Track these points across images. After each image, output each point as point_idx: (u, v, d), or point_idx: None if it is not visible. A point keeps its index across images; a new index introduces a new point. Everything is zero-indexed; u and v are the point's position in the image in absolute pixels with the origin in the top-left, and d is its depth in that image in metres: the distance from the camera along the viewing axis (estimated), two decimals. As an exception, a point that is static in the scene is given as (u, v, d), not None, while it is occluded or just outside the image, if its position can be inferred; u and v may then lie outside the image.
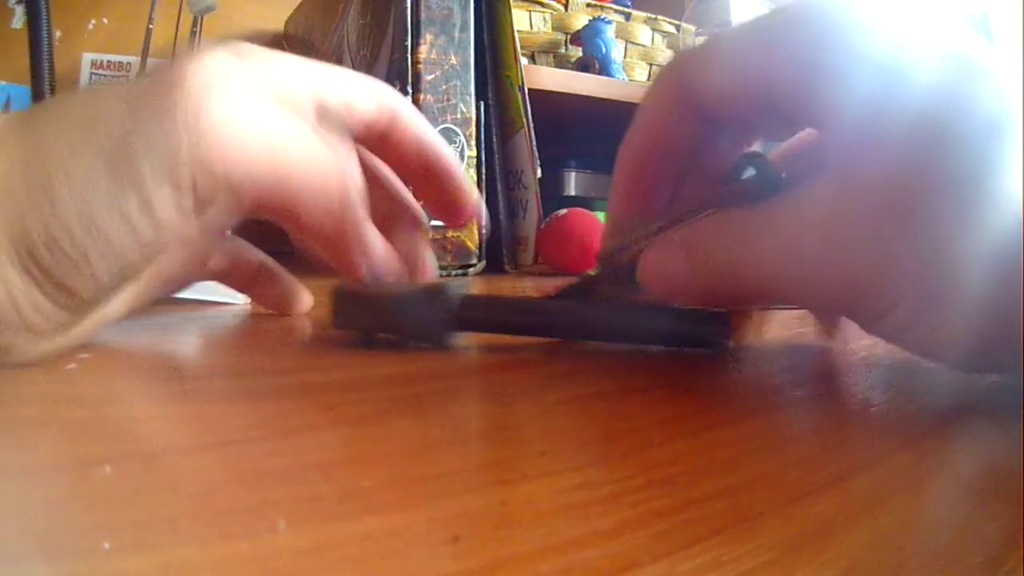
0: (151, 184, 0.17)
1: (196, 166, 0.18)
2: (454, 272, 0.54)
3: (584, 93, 0.72)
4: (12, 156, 0.16)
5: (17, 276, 0.16)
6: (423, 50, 0.53)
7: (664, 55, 0.86)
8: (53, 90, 0.60)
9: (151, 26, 0.75)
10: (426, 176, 0.27)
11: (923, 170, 0.16)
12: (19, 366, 0.18)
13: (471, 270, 0.55)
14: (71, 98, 0.19)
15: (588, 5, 0.81)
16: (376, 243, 0.23)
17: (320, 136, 0.22)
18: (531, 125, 0.60)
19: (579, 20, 0.80)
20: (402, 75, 0.53)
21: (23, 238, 0.16)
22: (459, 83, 0.55)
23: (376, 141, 0.26)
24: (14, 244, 0.16)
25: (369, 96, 0.25)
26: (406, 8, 0.53)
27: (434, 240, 0.53)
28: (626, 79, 0.79)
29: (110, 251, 0.17)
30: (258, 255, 0.28)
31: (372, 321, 0.23)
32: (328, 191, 0.21)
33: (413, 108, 0.26)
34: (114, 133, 0.17)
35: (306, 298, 0.29)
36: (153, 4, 0.74)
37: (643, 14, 0.84)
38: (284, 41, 0.85)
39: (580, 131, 0.87)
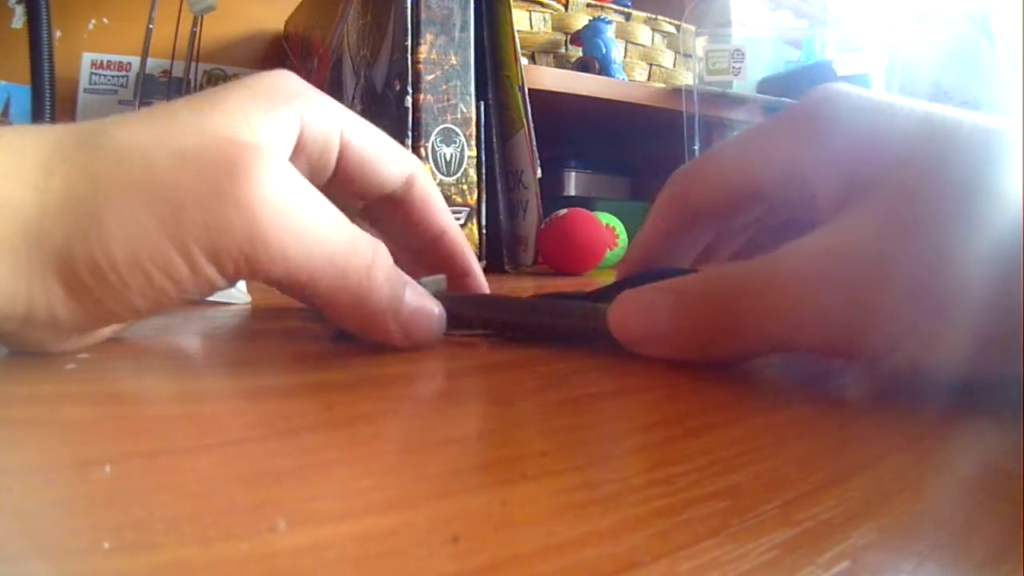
0: (201, 262, 0.18)
1: (248, 260, 0.18)
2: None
3: (584, 93, 0.72)
4: (67, 182, 0.17)
5: (60, 287, 0.17)
6: (423, 50, 0.53)
7: (664, 55, 0.86)
8: (53, 90, 0.60)
9: (151, 26, 0.75)
10: (434, 245, 0.28)
11: (919, 183, 0.16)
12: (19, 366, 0.18)
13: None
14: (126, 130, 0.18)
15: (588, 5, 0.81)
16: (404, 308, 0.21)
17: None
18: (531, 125, 0.60)
19: (579, 20, 0.80)
20: (402, 75, 0.53)
21: (68, 258, 0.17)
22: (459, 83, 0.55)
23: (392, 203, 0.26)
24: (60, 260, 0.17)
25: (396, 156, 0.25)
26: (406, 8, 0.53)
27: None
28: (626, 79, 0.79)
29: (151, 292, 0.18)
30: None
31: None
32: (357, 274, 0.20)
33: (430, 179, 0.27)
34: (171, 200, 0.17)
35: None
36: (153, 4, 0.74)
37: (643, 14, 0.84)
38: (284, 41, 0.85)
39: (580, 131, 0.87)
